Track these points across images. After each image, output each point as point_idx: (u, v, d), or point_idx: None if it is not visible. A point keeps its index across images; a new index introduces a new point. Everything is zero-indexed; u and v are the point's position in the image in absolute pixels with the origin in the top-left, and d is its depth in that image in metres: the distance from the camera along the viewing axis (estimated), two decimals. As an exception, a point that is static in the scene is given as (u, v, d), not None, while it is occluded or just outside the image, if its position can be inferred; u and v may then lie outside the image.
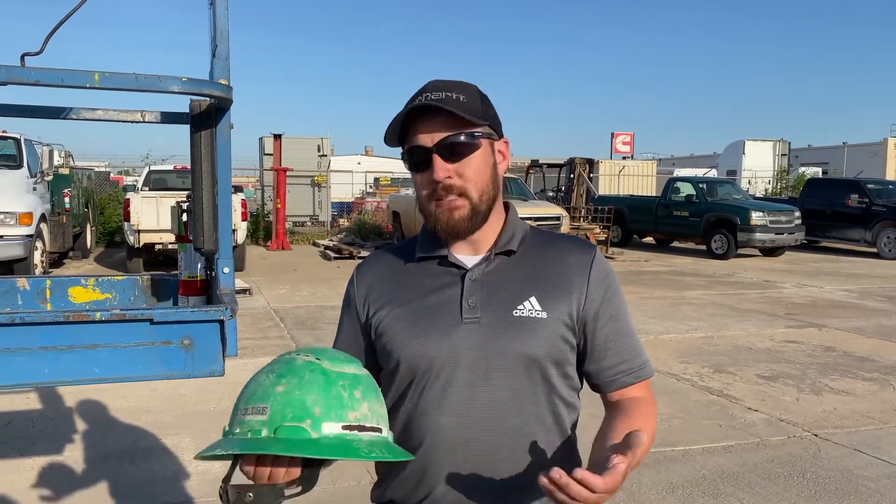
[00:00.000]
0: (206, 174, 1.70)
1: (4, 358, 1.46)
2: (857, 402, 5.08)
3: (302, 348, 1.13)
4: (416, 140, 1.21)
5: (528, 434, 1.21)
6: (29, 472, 3.68)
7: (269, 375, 1.06)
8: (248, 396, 1.06)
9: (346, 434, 1.01)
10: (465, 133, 1.20)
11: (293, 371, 1.05)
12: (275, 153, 16.55)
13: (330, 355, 1.10)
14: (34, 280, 2.19)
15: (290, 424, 1.00)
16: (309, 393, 1.02)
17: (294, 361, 1.07)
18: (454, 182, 1.20)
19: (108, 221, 16.04)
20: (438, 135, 1.19)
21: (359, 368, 1.11)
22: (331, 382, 1.04)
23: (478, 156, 1.21)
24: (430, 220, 1.25)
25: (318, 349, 1.11)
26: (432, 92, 1.20)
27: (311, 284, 10.39)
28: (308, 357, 1.08)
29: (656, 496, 3.51)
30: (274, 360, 1.11)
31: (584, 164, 16.12)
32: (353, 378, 1.07)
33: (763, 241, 14.36)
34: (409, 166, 1.26)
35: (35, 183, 9.87)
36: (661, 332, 7.36)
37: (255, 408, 1.03)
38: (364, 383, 1.09)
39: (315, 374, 1.04)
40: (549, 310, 1.22)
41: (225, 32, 1.68)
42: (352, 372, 1.08)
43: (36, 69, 1.41)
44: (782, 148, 29.79)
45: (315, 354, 1.08)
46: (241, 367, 5.68)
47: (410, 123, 1.22)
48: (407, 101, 1.24)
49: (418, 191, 1.26)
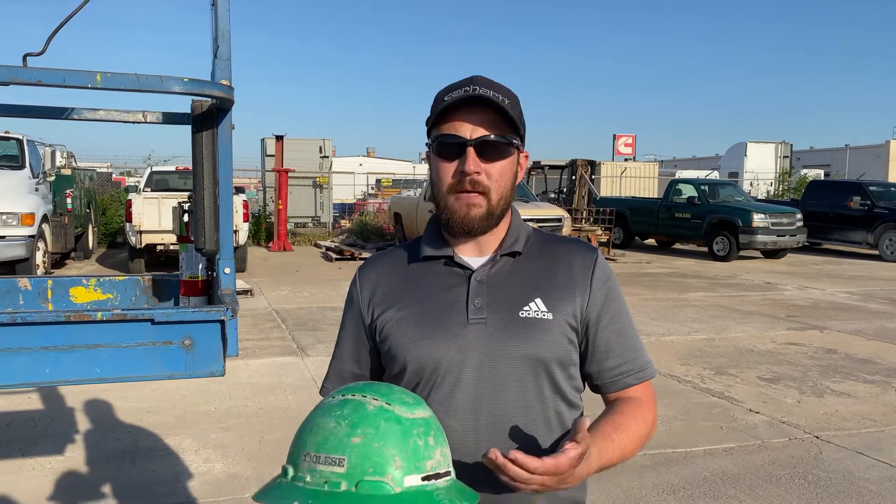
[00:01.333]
0: (208, 175, 1.71)
1: (6, 357, 1.46)
2: (858, 404, 5.07)
3: (362, 387, 1.06)
4: (453, 129, 1.20)
5: (533, 434, 1.21)
6: (30, 472, 3.69)
7: (341, 423, 1.00)
8: (319, 443, 0.99)
9: (425, 485, 0.98)
10: (504, 136, 1.20)
11: (367, 420, 1.00)
12: (276, 154, 16.57)
13: (398, 399, 1.05)
14: (36, 280, 2.19)
15: (371, 479, 0.95)
16: (388, 446, 0.97)
17: (365, 408, 1.01)
18: (481, 179, 1.20)
19: (110, 222, 16.06)
20: (480, 130, 1.19)
21: (426, 410, 1.07)
22: (407, 433, 1.00)
23: (507, 161, 1.23)
24: (444, 211, 1.24)
25: (383, 390, 1.06)
26: (480, 87, 1.19)
27: (313, 286, 10.40)
28: (378, 402, 1.02)
29: (657, 497, 3.51)
30: (338, 400, 1.04)
31: (586, 165, 16.12)
32: (426, 423, 1.04)
33: (765, 244, 14.35)
34: (435, 151, 1.23)
35: (37, 184, 9.88)
36: (663, 333, 7.35)
37: (330, 458, 0.97)
38: (434, 427, 1.05)
39: (391, 424, 0.99)
40: (554, 311, 1.23)
41: (226, 33, 1.69)
42: (423, 416, 1.04)
43: (38, 69, 1.41)
44: (784, 150, 29.79)
45: (384, 398, 1.03)
46: (242, 367, 5.70)
47: (452, 110, 1.20)
48: (446, 87, 1.23)
49: (439, 180, 1.23)
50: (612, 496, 3.51)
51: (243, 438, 4.21)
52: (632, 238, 17.64)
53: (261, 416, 4.63)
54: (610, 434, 1.18)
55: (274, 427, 4.40)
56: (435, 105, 1.22)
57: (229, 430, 4.35)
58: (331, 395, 1.06)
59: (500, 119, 1.19)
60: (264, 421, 4.53)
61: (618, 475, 3.70)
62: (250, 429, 4.38)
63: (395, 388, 1.09)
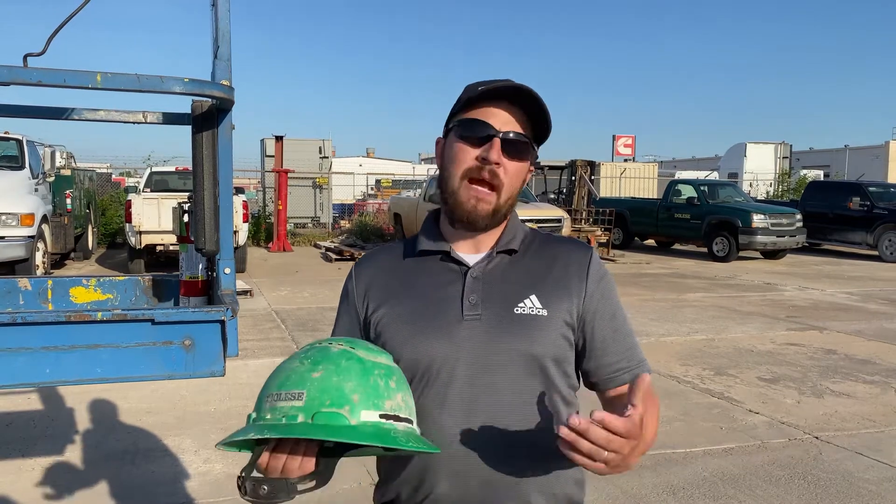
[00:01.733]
0: (208, 175, 1.71)
1: (7, 357, 1.46)
2: (858, 404, 5.08)
3: (329, 339, 1.12)
4: (485, 115, 1.20)
5: (528, 432, 1.21)
6: (30, 473, 3.69)
7: (304, 362, 1.04)
8: (281, 382, 1.02)
9: (382, 423, 1.00)
10: (531, 139, 1.22)
11: (329, 358, 1.03)
12: (276, 155, 16.57)
13: (363, 345, 1.09)
14: (36, 280, 2.19)
15: (328, 410, 0.98)
16: (347, 380, 1.00)
17: (329, 349, 1.05)
18: (500, 172, 1.20)
19: (110, 223, 16.07)
20: (510, 125, 1.20)
21: (390, 360, 1.11)
22: (367, 371, 1.03)
23: (524, 164, 1.24)
24: (451, 197, 1.23)
25: (349, 339, 1.11)
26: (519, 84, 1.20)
27: (313, 286, 10.40)
28: (342, 345, 1.06)
29: (656, 498, 3.51)
30: (305, 347, 1.09)
31: (586, 166, 16.13)
32: (388, 368, 1.07)
33: (764, 244, 14.36)
34: (458, 133, 1.23)
35: (37, 184, 9.88)
36: (662, 334, 7.35)
37: (290, 394, 1.00)
38: (397, 375, 1.09)
39: (352, 362, 1.03)
40: (549, 308, 1.23)
41: (227, 34, 1.69)
42: (385, 363, 1.08)
43: (38, 69, 1.41)
44: (784, 150, 29.82)
45: (349, 343, 1.08)
46: (242, 368, 5.69)
47: (487, 98, 1.21)
48: (478, 82, 1.22)
49: (455, 162, 1.23)
50: (612, 496, 3.51)
51: (243, 439, 4.21)
52: (631, 239, 17.65)
53: (260, 416, 4.63)
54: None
55: (274, 427, 4.40)
56: (468, 91, 1.22)
57: (229, 431, 4.33)
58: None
59: (528, 122, 1.21)
60: (264, 421, 4.52)
61: (617, 475, 3.70)
62: (250, 429, 4.37)
63: (363, 341, 1.14)
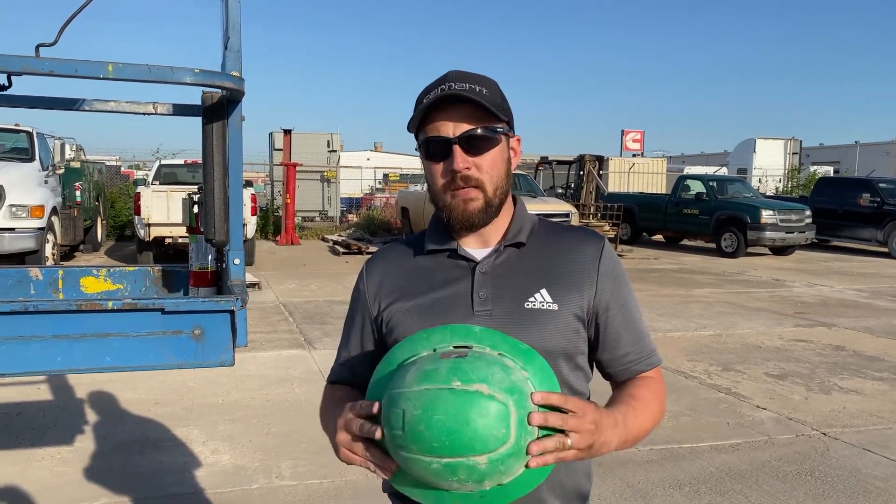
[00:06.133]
0: (218, 166, 1.72)
1: (19, 345, 1.47)
2: (866, 401, 5.06)
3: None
4: (436, 129, 1.21)
5: None
6: (40, 462, 3.72)
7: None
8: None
9: None
10: (488, 127, 1.20)
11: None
12: (285, 148, 16.59)
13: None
14: (47, 270, 2.21)
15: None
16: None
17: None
18: (472, 174, 1.20)
19: (119, 215, 16.12)
20: (462, 126, 1.19)
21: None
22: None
23: (496, 150, 1.22)
24: (443, 210, 1.24)
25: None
26: (455, 82, 1.19)
27: (320, 279, 10.42)
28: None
29: (663, 493, 3.51)
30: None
31: (594, 161, 16.09)
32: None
33: (773, 240, 14.29)
34: (424, 155, 1.24)
35: (47, 176, 9.93)
36: (670, 329, 7.34)
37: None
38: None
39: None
40: (560, 302, 1.22)
41: (237, 25, 1.69)
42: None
43: (50, 59, 1.42)
44: (793, 146, 29.62)
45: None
46: (250, 359, 5.72)
47: (431, 111, 1.21)
48: (424, 88, 1.23)
49: (433, 180, 1.25)
50: (619, 491, 3.51)
51: (250, 430, 4.23)
52: (639, 234, 17.59)
53: (268, 408, 4.65)
54: (631, 403, 1.19)
55: (281, 419, 4.42)
56: (416, 109, 1.23)
57: (237, 422, 4.37)
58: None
59: (481, 111, 1.19)
60: (271, 413, 4.54)
61: (623, 469, 3.70)
62: (258, 421, 4.40)
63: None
